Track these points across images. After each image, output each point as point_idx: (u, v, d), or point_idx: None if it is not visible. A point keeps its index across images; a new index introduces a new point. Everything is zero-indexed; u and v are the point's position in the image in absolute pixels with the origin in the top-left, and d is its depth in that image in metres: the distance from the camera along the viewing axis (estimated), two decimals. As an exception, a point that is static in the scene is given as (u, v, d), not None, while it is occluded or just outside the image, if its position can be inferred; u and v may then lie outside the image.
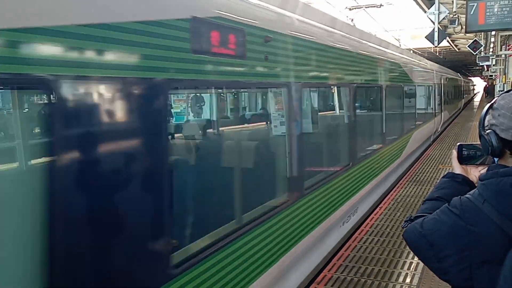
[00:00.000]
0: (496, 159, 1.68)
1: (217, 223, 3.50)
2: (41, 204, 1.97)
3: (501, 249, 1.46)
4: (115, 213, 2.36)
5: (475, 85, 73.07)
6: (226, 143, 5.43)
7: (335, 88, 6.67)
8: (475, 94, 74.05)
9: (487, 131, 1.63)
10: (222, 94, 6.65)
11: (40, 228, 1.97)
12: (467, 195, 1.61)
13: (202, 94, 6.66)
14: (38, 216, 1.97)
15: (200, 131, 5.88)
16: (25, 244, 1.99)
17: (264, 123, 5.90)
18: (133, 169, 2.51)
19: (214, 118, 6.66)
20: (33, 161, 2.20)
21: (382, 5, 17.07)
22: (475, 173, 1.90)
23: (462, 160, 1.92)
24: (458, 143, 1.96)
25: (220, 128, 6.51)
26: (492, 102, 1.68)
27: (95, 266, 2.24)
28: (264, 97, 6.56)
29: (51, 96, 1.98)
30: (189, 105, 7.08)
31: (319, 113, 6.84)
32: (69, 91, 2.08)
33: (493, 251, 1.49)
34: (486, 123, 1.67)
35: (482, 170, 1.85)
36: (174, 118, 6.22)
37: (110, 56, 2.33)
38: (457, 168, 1.92)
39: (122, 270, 2.42)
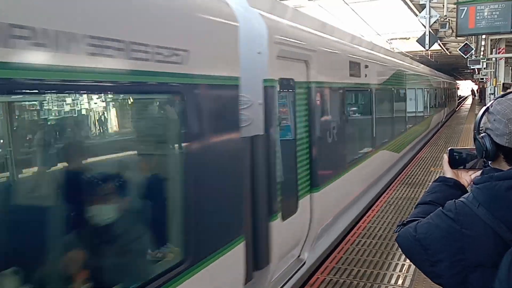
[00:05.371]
0: (489, 162, 1.70)
1: None
2: None
3: (495, 252, 1.48)
4: None
5: (458, 88, 50.44)
6: None
7: None
8: (462, 100, 57.78)
9: (482, 135, 1.65)
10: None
11: None
12: (461, 199, 1.62)
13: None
14: None
15: None
16: None
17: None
18: None
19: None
20: None
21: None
22: (465, 177, 1.91)
23: (453, 164, 1.94)
24: (449, 148, 1.98)
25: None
26: (488, 105, 1.69)
27: None
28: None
29: None
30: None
31: None
32: None
33: (487, 255, 1.50)
34: (481, 126, 1.68)
35: (473, 174, 1.88)
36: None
37: None
38: (448, 172, 1.94)
39: None
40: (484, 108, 1.71)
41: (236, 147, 3.52)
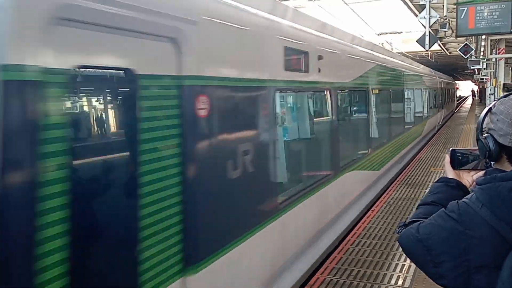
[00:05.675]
0: (492, 163, 1.69)
1: None
2: None
3: (498, 253, 1.47)
4: None
5: (457, 88, 49.59)
6: None
7: None
8: (461, 100, 55.99)
9: (485, 135, 1.65)
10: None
11: None
12: (464, 200, 1.61)
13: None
14: None
15: None
16: None
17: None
18: None
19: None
20: None
21: None
22: (467, 177, 1.91)
23: (455, 165, 1.93)
24: (451, 148, 1.98)
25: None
26: (491, 106, 1.69)
27: None
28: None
29: None
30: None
31: None
32: None
33: (491, 256, 1.50)
34: (484, 126, 1.68)
35: (475, 175, 1.88)
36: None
37: None
38: (450, 173, 1.93)
39: None
40: (486, 108, 1.71)
41: None
